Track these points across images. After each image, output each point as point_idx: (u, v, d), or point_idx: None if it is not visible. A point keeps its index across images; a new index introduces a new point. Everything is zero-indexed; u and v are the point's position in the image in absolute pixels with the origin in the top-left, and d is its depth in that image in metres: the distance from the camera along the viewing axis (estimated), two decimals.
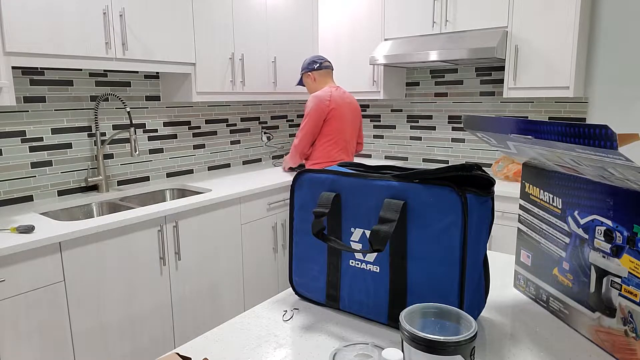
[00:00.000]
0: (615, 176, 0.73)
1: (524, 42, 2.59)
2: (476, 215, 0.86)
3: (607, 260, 0.81)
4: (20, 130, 2.21)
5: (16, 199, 2.22)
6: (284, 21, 3.18)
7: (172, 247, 2.22)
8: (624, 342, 0.79)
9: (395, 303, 0.92)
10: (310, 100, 2.74)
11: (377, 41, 3.18)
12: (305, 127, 2.77)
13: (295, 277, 1.08)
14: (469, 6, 2.74)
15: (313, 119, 2.74)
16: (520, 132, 0.78)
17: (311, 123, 2.75)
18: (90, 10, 2.07)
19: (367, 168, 1.04)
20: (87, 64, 2.09)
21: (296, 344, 0.88)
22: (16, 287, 1.68)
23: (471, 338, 0.63)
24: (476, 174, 0.85)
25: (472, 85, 3.16)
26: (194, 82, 2.61)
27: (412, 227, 0.88)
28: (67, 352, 1.85)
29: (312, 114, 2.74)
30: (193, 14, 2.55)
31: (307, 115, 2.76)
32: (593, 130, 0.63)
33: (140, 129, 2.72)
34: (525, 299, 1.05)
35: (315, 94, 2.76)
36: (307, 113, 2.75)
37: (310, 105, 2.74)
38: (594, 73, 2.71)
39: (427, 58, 2.77)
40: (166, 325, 2.24)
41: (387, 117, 3.60)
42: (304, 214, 1.03)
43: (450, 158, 3.33)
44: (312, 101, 2.74)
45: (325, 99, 2.74)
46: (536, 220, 1.00)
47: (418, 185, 0.87)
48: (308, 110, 2.75)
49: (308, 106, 2.75)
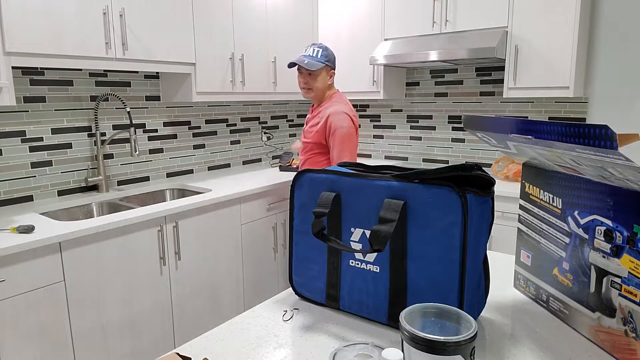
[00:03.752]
0: (615, 176, 0.73)
1: (524, 42, 2.59)
2: (476, 215, 0.86)
3: (607, 260, 0.81)
4: (20, 130, 2.21)
5: (16, 199, 2.22)
6: (284, 21, 3.18)
7: (172, 247, 2.22)
8: (624, 342, 0.79)
9: (395, 303, 0.92)
10: (344, 117, 2.24)
11: (377, 41, 3.18)
12: (348, 150, 2.26)
13: (295, 277, 1.08)
14: (469, 6, 2.73)
15: (354, 142, 2.30)
16: (520, 132, 0.78)
17: (353, 146, 2.29)
18: (90, 10, 2.07)
19: (367, 168, 1.04)
20: (87, 64, 2.09)
21: (296, 344, 0.88)
22: (16, 287, 1.68)
23: (471, 338, 0.63)
24: (476, 174, 0.85)
25: (472, 85, 3.16)
26: (194, 82, 2.61)
27: (412, 227, 0.88)
28: (67, 352, 1.85)
29: (352, 135, 2.28)
30: (193, 14, 2.55)
31: (344, 136, 2.23)
32: (593, 130, 0.63)
33: (140, 129, 2.72)
34: (525, 299, 1.05)
35: (345, 110, 2.27)
36: (345, 135, 2.23)
37: (346, 124, 2.23)
38: (594, 73, 2.71)
39: (427, 58, 2.77)
40: (166, 325, 2.24)
41: (387, 117, 3.60)
42: (304, 214, 1.03)
43: (450, 158, 3.33)
44: (346, 120, 2.24)
45: (353, 116, 2.32)
46: (536, 220, 1.00)
47: (418, 185, 0.87)
48: (345, 130, 2.22)
49: (342, 125, 2.22)
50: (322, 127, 2.28)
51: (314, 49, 2.32)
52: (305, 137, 2.40)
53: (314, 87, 2.33)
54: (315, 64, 2.27)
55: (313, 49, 2.32)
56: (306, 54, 2.31)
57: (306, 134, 2.40)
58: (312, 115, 2.42)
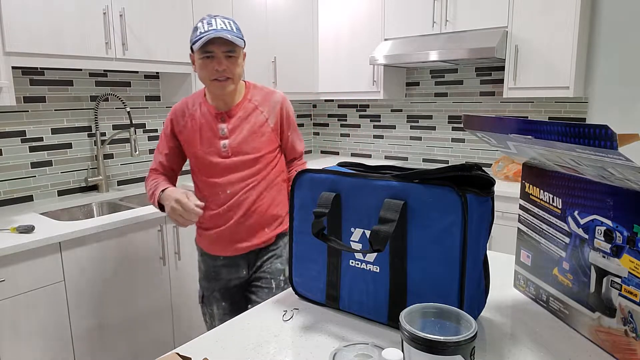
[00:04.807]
0: (615, 176, 0.73)
1: (524, 42, 2.59)
2: (476, 215, 0.86)
3: (607, 260, 0.81)
4: (20, 130, 2.21)
5: (16, 199, 2.22)
6: (284, 21, 3.18)
7: (172, 247, 2.22)
8: (624, 342, 0.79)
9: (395, 303, 0.92)
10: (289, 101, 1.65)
11: (377, 41, 3.18)
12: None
13: (295, 277, 1.08)
14: (469, 6, 2.73)
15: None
16: (520, 132, 0.78)
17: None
18: (90, 10, 2.07)
19: (367, 168, 1.04)
20: (87, 64, 2.09)
21: (296, 344, 0.88)
22: (16, 287, 1.68)
23: (471, 338, 0.63)
24: (476, 174, 0.85)
25: (472, 85, 3.16)
26: (193, 82, 2.61)
27: (412, 227, 0.88)
28: (67, 352, 1.85)
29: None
30: (193, 14, 2.55)
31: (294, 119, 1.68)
32: (593, 130, 0.63)
33: (140, 129, 2.72)
34: (525, 299, 1.05)
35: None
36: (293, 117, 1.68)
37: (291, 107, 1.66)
38: (594, 73, 2.71)
39: (427, 58, 2.77)
40: (166, 325, 2.24)
41: (387, 117, 3.60)
42: (303, 214, 1.03)
43: (450, 158, 3.33)
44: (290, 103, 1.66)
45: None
46: (536, 220, 1.00)
47: (418, 185, 0.87)
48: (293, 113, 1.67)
49: (291, 109, 1.65)
50: (277, 120, 1.58)
51: (226, 21, 1.45)
52: (236, 153, 1.52)
53: (236, 76, 1.49)
54: (240, 41, 1.45)
55: (224, 21, 1.45)
56: (218, 28, 1.41)
57: (239, 147, 1.52)
58: (231, 117, 1.54)
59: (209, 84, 1.48)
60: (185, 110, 1.58)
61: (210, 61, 1.44)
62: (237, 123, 1.54)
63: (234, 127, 1.53)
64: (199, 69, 1.48)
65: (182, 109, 1.59)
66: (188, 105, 1.59)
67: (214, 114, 1.54)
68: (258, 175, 1.55)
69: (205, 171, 1.55)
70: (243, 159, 1.53)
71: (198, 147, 1.54)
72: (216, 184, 1.54)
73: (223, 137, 1.52)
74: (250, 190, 1.54)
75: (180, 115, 1.59)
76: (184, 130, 1.57)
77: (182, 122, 1.58)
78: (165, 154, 1.62)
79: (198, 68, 1.48)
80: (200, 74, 1.48)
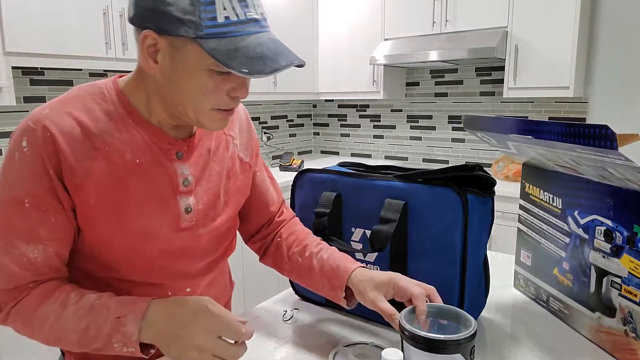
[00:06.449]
0: (615, 176, 0.73)
1: (524, 42, 2.59)
2: (477, 215, 0.86)
3: (607, 260, 0.81)
4: None
5: None
6: (284, 22, 3.18)
7: None
8: (624, 342, 0.79)
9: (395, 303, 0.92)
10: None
11: (377, 41, 3.18)
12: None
13: None
14: (469, 6, 2.73)
15: None
16: (520, 132, 0.78)
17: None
18: (90, 10, 2.07)
19: (367, 168, 1.04)
20: (87, 64, 2.09)
21: (296, 344, 0.88)
22: None
23: (471, 336, 0.63)
24: (477, 174, 0.85)
25: (472, 85, 3.16)
26: None
27: (412, 227, 0.88)
28: None
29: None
30: None
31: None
32: (593, 130, 0.63)
33: None
34: (525, 299, 1.05)
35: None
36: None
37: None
38: (594, 73, 2.71)
39: (427, 58, 2.77)
40: None
41: (387, 117, 3.60)
42: (304, 213, 1.03)
43: (450, 158, 3.33)
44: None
45: None
46: (536, 220, 1.00)
47: (419, 186, 0.87)
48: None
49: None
50: (252, 151, 0.95)
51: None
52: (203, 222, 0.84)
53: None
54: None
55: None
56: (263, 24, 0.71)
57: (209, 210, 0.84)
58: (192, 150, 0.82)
59: (205, 113, 0.73)
60: (88, 137, 0.72)
61: (226, 82, 0.71)
62: (204, 162, 0.83)
63: (202, 170, 0.83)
64: (199, 88, 0.70)
65: (75, 135, 0.71)
66: (90, 127, 0.73)
67: (164, 144, 0.78)
68: (221, 263, 0.93)
69: (132, 264, 0.79)
70: (213, 233, 0.86)
71: (132, 218, 0.76)
72: (155, 287, 0.81)
73: (185, 192, 0.80)
74: (210, 289, 0.91)
75: (78, 148, 0.72)
76: (89, 180, 0.72)
77: (83, 164, 0.72)
78: (46, 239, 0.72)
79: (190, 79, 0.70)
80: (195, 94, 0.71)
